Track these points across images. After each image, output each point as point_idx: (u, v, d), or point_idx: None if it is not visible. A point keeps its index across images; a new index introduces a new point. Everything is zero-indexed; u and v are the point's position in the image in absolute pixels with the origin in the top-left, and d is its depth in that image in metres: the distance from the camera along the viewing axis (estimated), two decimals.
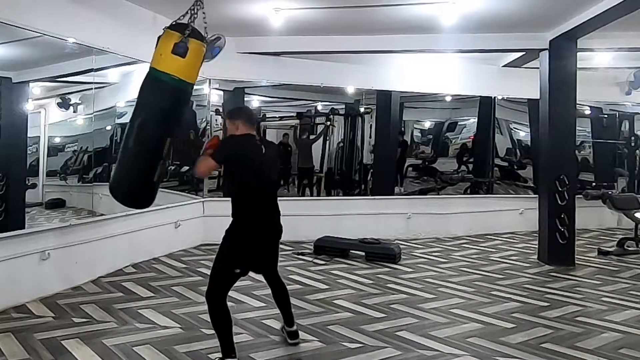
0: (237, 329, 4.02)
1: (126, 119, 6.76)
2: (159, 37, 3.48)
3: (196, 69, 3.51)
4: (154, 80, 3.45)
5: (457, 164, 9.52)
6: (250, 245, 3.43)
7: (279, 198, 3.74)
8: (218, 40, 6.22)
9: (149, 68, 3.49)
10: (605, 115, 10.01)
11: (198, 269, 5.95)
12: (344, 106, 9.13)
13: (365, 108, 8.80)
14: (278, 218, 3.64)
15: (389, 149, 8.73)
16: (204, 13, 3.56)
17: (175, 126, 3.66)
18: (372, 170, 8.88)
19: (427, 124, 10.01)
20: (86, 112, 5.72)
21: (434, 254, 7.17)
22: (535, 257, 6.88)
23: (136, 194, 3.68)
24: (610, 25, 5.74)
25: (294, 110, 9.08)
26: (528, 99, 8.81)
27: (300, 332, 3.89)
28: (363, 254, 6.68)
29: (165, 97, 3.45)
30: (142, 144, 3.52)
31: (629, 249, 7.30)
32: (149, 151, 3.52)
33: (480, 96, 9.01)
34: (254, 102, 8.72)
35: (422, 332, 4.04)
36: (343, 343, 3.79)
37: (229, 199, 3.55)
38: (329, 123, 9.09)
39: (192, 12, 3.56)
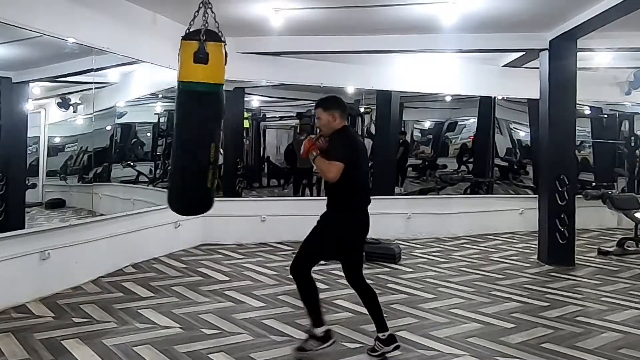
0: (237, 328, 4.03)
1: (126, 119, 6.83)
2: (179, 50, 3.48)
3: (221, 69, 3.55)
4: (186, 94, 3.47)
5: (457, 164, 9.52)
6: (362, 237, 3.65)
7: (279, 198, 3.75)
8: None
9: (177, 83, 3.49)
10: (605, 115, 10.01)
11: (198, 269, 5.96)
12: None
13: (365, 108, 8.79)
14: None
15: (389, 149, 8.72)
16: (213, 12, 3.56)
17: (217, 129, 3.67)
18: (371, 170, 8.88)
19: (427, 124, 10.01)
20: (86, 112, 5.72)
21: (434, 254, 7.17)
22: (535, 257, 6.88)
23: (196, 202, 3.78)
24: (610, 25, 5.73)
25: (294, 110, 9.08)
26: (528, 99, 8.81)
27: (299, 332, 3.89)
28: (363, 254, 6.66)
29: (200, 106, 3.47)
30: (190, 158, 3.52)
31: (629, 249, 7.30)
32: (199, 162, 3.52)
33: (480, 96, 9.01)
34: (254, 102, 8.73)
35: (422, 332, 4.04)
36: (343, 343, 3.79)
37: (227, 198, 3.55)
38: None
39: (204, 15, 3.57)
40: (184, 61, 3.42)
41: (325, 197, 3.71)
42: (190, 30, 3.48)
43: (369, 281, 5.54)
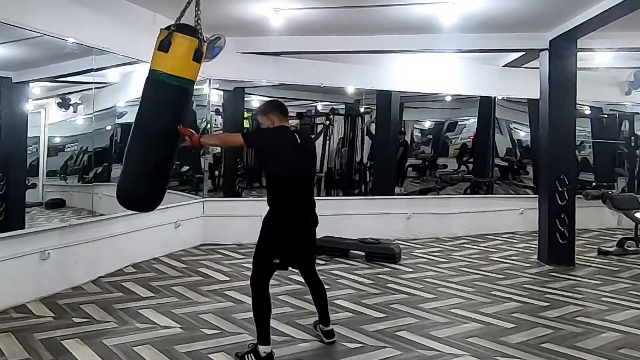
0: (237, 328, 4.03)
1: (126, 119, 6.82)
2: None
3: (186, 63, 3.49)
4: (147, 80, 3.59)
5: (457, 164, 9.52)
6: (283, 235, 3.51)
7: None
8: (218, 40, 6.23)
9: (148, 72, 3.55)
10: (605, 115, 10.01)
11: (198, 269, 5.96)
12: (344, 106, 9.13)
13: (365, 108, 8.79)
14: (312, 209, 3.68)
15: (389, 149, 8.73)
16: (198, 10, 3.56)
17: (173, 122, 3.63)
18: (371, 170, 8.88)
19: (427, 124, 10.01)
20: (86, 112, 5.72)
21: (434, 254, 7.17)
22: (535, 257, 6.88)
23: (141, 199, 3.76)
24: (610, 25, 5.73)
25: (294, 110, 9.07)
26: (528, 99, 8.81)
27: (300, 332, 3.90)
28: (363, 254, 6.68)
29: (157, 93, 3.53)
30: (136, 145, 3.62)
31: (629, 249, 7.30)
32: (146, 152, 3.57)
33: (480, 96, 9.01)
34: (254, 102, 8.72)
35: (422, 332, 4.04)
36: (343, 343, 3.79)
37: (227, 198, 3.59)
38: (328, 122, 9.08)
39: (196, 12, 3.57)
40: (154, 48, 3.49)
41: (325, 197, 3.73)
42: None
43: (369, 281, 5.58)
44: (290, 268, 3.71)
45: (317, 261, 6.51)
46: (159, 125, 3.57)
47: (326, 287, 5.28)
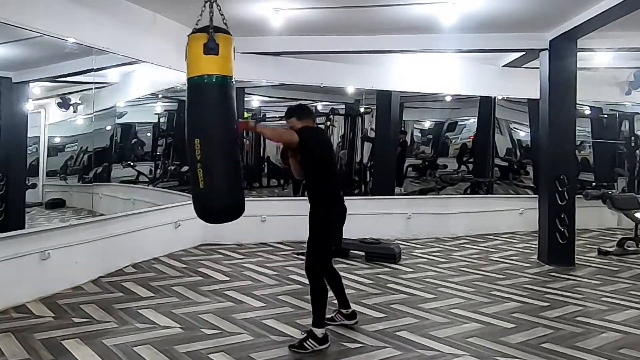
0: (237, 328, 4.03)
1: (126, 119, 6.83)
2: (185, 49, 3.44)
3: (231, 61, 3.48)
4: (199, 89, 3.37)
5: (457, 164, 9.52)
6: (336, 224, 4.00)
7: (279, 198, 3.83)
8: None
9: (187, 81, 3.43)
10: (605, 115, 10.00)
11: (198, 269, 5.96)
12: (344, 106, 9.13)
13: (365, 108, 8.79)
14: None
15: (389, 149, 8.73)
16: (219, 7, 3.55)
17: (234, 122, 3.61)
18: (371, 170, 8.88)
19: (427, 124, 10.00)
20: (86, 112, 5.72)
21: (434, 254, 7.17)
22: (535, 257, 6.88)
23: (209, 209, 3.68)
24: (610, 25, 5.74)
25: None
26: (528, 99, 8.81)
27: (300, 332, 3.90)
28: (363, 254, 6.68)
29: (216, 98, 3.40)
30: (223, 154, 3.45)
31: (629, 249, 7.30)
32: (231, 158, 3.50)
33: (480, 96, 9.00)
34: (254, 102, 8.73)
35: (422, 332, 4.04)
36: (343, 343, 3.79)
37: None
38: (329, 123, 9.08)
39: (210, 11, 3.55)
40: (194, 54, 3.35)
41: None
42: (197, 27, 3.44)
43: (369, 281, 5.58)
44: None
45: None
46: (231, 128, 3.51)
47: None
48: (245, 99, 8.42)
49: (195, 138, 3.39)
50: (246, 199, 3.78)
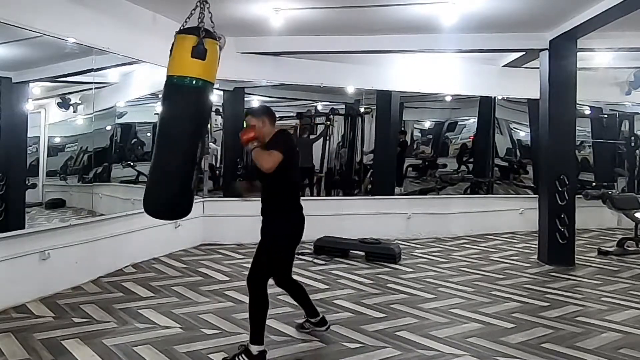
0: (237, 328, 4.03)
1: (126, 119, 6.84)
2: (172, 45, 3.44)
3: (215, 68, 3.48)
4: (177, 88, 3.38)
5: (457, 164, 9.52)
6: (294, 237, 3.66)
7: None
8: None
9: (167, 77, 3.43)
10: (605, 115, 10.01)
11: (198, 269, 5.96)
12: (344, 106, 9.14)
13: (365, 108, 8.80)
14: None
15: (389, 149, 8.73)
16: (210, 12, 3.55)
17: (204, 128, 3.65)
18: (371, 171, 8.88)
19: (427, 124, 10.01)
20: (86, 112, 5.72)
21: (434, 254, 7.17)
22: (535, 257, 6.88)
23: (179, 205, 3.59)
24: (610, 25, 5.74)
25: (294, 110, 9.09)
26: (528, 99, 8.82)
27: (300, 332, 3.90)
28: (363, 254, 6.68)
29: (191, 102, 3.39)
30: (180, 155, 3.42)
31: (629, 249, 7.30)
32: (189, 161, 3.46)
33: (480, 96, 9.01)
34: (254, 102, 8.73)
35: (422, 332, 4.04)
36: (343, 343, 3.79)
37: (227, 199, 3.54)
38: (328, 123, 9.09)
39: (201, 13, 3.54)
40: (179, 54, 3.37)
41: (325, 197, 3.75)
42: (186, 26, 3.44)
43: (369, 281, 5.58)
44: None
45: (317, 261, 6.57)
46: (197, 130, 3.49)
47: (326, 287, 5.34)
48: (245, 99, 8.43)
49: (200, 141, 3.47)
50: (246, 199, 3.76)
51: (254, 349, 3.34)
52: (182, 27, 3.47)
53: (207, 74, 3.39)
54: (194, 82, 3.34)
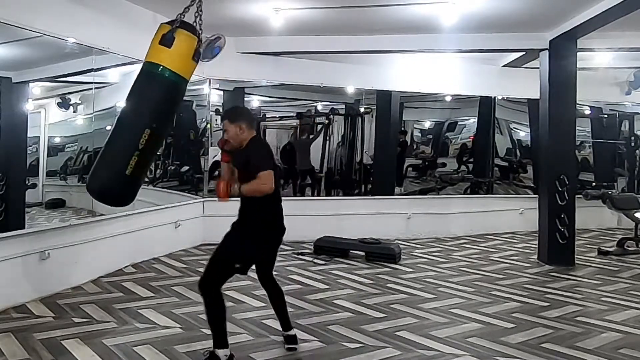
0: (237, 328, 4.03)
1: None
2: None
3: (185, 61, 3.49)
4: (141, 72, 3.54)
5: (457, 164, 9.52)
6: (267, 240, 3.54)
7: None
8: (218, 40, 6.20)
9: (143, 64, 3.56)
10: (605, 115, 10.01)
11: (198, 269, 5.94)
12: (344, 106, 9.13)
13: (365, 108, 8.80)
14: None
15: (389, 149, 8.73)
16: (201, 11, 3.57)
17: (161, 120, 3.57)
18: (371, 171, 8.88)
19: (427, 124, 10.01)
20: (86, 112, 5.72)
21: (434, 254, 7.17)
22: (535, 257, 6.88)
23: (109, 189, 3.55)
24: (610, 25, 5.74)
25: (294, 110, 9.08)
26: (528, 99, 8.81)
27: (300, 332, 3.89)
28: (363, 254, 6.67)
29: (150, 86, 3.48)
30: (116, 133, 3.56)
31: (629, 249, 7.30)
32: (124, 140, 3.47)
33: (480, 96, 9.01)
34: (254, 102, 8.73)
35: (422, 332, 4.04)
36: (343, 343, 3.79)
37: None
38: (327, 122, 9.08)
39: (197, 11, 3.57)
40: (153, 41, 3.48)
41: (325, 197, 3.71)
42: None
43: (369, 281, 5.58)
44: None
45: (317, 261, 6.56)
46: (143, 118, 3.49)
47: (326, 287, 5.33)
48: (245, 99, 8.43)
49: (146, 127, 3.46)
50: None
51: (221, 354, 3.27)
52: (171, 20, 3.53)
53: (172, 64, 3.43)
54: (156, 68, 3.43)
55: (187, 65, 3.53)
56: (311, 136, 9.04)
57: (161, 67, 3.44)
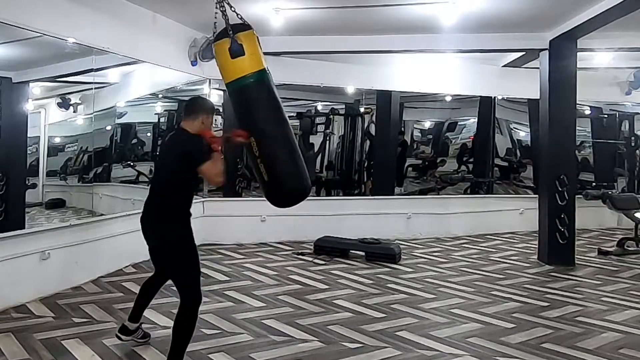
0: (237, 328, 4.03)
1: (126, 119, 6.83)
2: (215, 59, 3.50)
3: (259, 54, 3.46)
4: (239, 92, 3.44)
5: (457, 164, 9.52)
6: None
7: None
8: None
9: (227, 88, 3.51)
10: (605, 115, 10.00)
11: None
12: (344, 106, 9.13)
13: (365, 108, 8.79)
14: None
15: (389, 149, 8.73)
16: (232, 7, 3.54)
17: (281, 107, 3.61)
18: (371, 171, 8.88)
19: (427, 124, 10.01)
20: (86, 112, 5.72)
21: (434, 254, 7.17)
22: (535, 257, 6.88)
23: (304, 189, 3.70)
24: (610, 25, 5.73)
25: (294, 110, 9.07)
26: (528, 99, 8.81)
27: (300, 332, 3.89)
28: (363, 254, 6.68)
29: (260, 96, 3.43)
30: (281, 140, 3.49)
31: (629, 249, 7.30)
32: (288, 146, 3.53)
33: (480, 96, 9.01)
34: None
35: (422, 332, 4.04)
36: (343, 343, 3.79)
37: (227, 198, 3.45)
38: (328, 131, 9.06)
39: (223, 13, 3.56)
40: (223, 61, 3.39)
41: (325, 197, 3.69)
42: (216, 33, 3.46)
43: (369, 281, 5.58)
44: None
45: (317, 261, 6.57)
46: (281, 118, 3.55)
47: (326, 287, 5.34)
48: None
49: (250, 137, 3.44)
50: (246, 199, 3.77)
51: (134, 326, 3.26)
52: (215, 36, 3.48)
53: (253, 65, 3.39)
54: (248, 79, 3.37)
55: (260, 54, 3.48)
56: (314, 137, 9.00)
57: (252, 73, 3.39)
